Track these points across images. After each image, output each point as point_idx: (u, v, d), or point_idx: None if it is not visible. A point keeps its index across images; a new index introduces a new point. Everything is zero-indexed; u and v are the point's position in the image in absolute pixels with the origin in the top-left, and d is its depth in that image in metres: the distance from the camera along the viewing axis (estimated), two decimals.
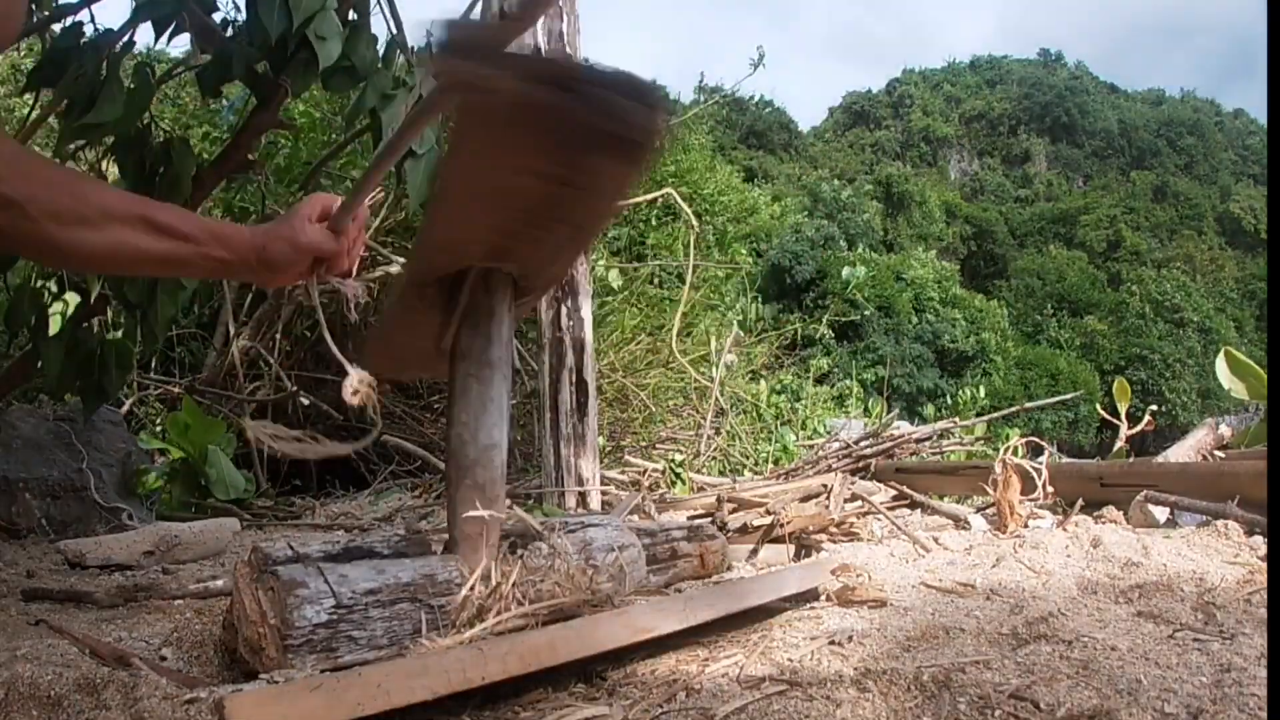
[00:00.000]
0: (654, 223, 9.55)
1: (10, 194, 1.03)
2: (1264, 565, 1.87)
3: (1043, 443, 3.42)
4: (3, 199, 1.02)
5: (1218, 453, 3.26)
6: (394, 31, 2.39)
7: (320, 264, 1.34)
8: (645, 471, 4.27)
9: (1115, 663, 1.21)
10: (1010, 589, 1.74)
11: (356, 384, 1.29)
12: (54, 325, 2.45)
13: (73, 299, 2.53)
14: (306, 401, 5.18)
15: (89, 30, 2.25)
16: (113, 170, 2.69)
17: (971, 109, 76.22)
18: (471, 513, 1.35)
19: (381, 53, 2.32)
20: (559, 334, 3.35)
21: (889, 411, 5.89)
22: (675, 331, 6.04)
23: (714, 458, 5.51)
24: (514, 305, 1.46)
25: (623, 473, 4.38)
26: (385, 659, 1.18)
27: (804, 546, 2.43)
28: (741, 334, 7.47)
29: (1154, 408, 4.25)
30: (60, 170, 1.17)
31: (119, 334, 2.60)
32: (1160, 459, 3.24)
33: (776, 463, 5.09)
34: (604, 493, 3.49)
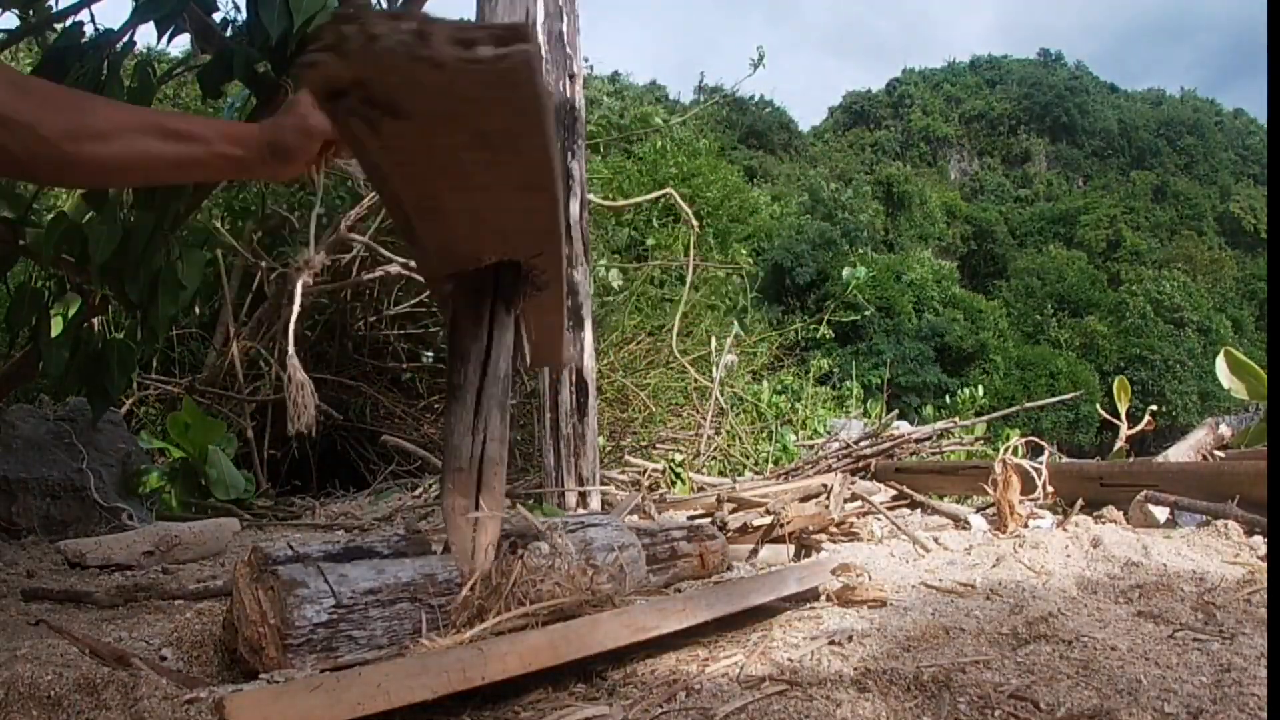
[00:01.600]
0: (655, 223, 9.56)
1: (17, 117, 1.04)
2: (1264, 565, 1.87)
3: (1043, 443, 3.42)
4: (11, 123, 1.04)
5: (1218, 453, 3.26)
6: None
7: (329, 147, 1.34)
8: (645, 471, 4.27)
9: (1115, 663, 1.21)
10: (1010, 589, 1.74)
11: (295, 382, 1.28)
12: (55, 327, 2.45)
13: (73, 300, 2.53)
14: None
15: (89, 30, 2.25)
16: None
17: (971, 109, 76.23)
18: (474, 514, 1.35)
19: None
20: None
21: (890, 411, 5.89)
22: (675, 331, 6.04)
23: (714, 458, 5.51)
24: (513, 302, 1.45)
25: (623, 473, 4.38)
26: (385, 659, 1.18)
27: (804, 546, 2.43)
28: (742, 334, 7.46)
29: (1154, 408, 4.25)
30: (64, 89, 1.18)
31: (120, 335, 2.60)
32: (1160, 459, 3.24)
33: (776, 463, 5.09)
34: (604, 493, 3.49)
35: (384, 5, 2.31)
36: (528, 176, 1.15)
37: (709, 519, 2.51)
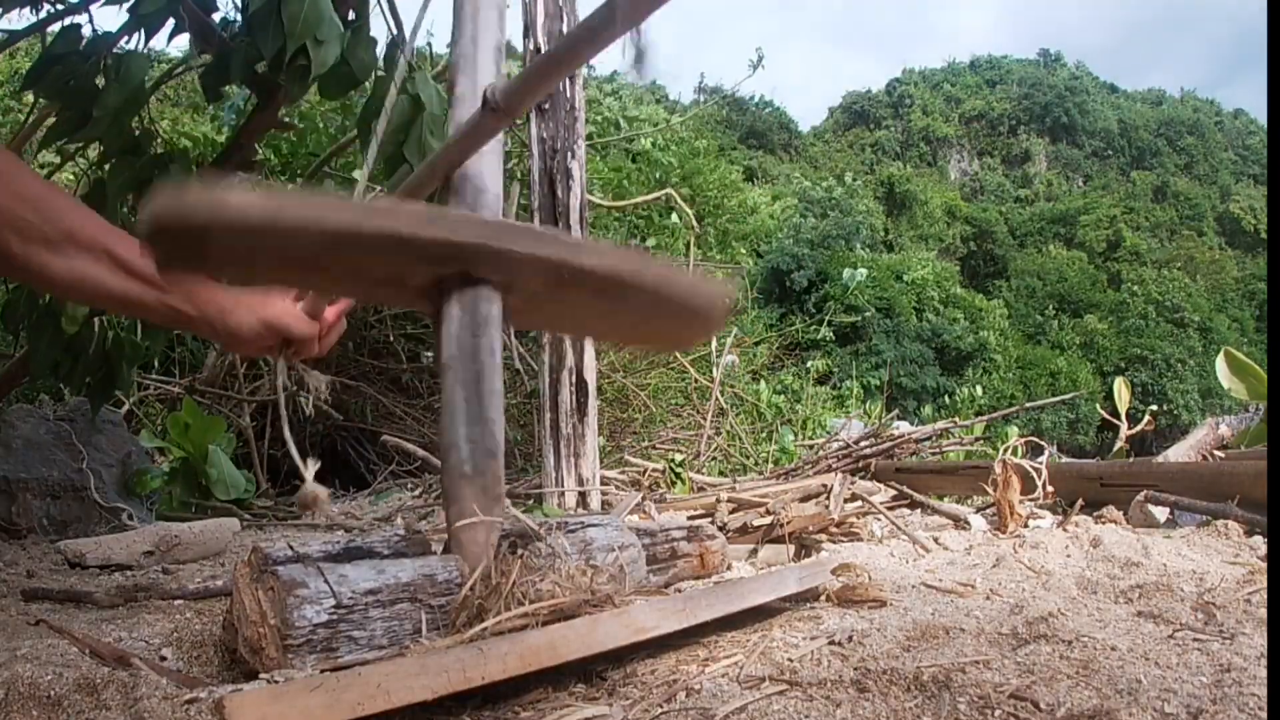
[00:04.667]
0: (656, 220, 9.56)
1: None
2: (1264, 565, 1.87)
3: (1042, 443, 3.42)
4: None
5: (1218, 453, 3.27)
6: (394, 33, 2.38)
7: (288, 345, 1.27)
8: (645, 471, 4.27)
9: (1115, 663, 1.21)
10: (1010, 589, 1.74)
11: (310, 498, 1.26)
12: (69, 326, 2.44)
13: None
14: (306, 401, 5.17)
15: (86, 32, 2.25)
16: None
17: (971, 109, 76.22)
18: (468, 519, 1.35)
19: (382, 55, 2.30)
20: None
21: (890, 411, 5.91)
22: None
23: (714, 458, 5.51)
24: (498, 304, 1.45)
25: (623, 473, 4.38)
26: (385, 659, 1.18)
27: (804, 546, 2.43)
28: (742, 334, 7.46)
29: (1154, 408, 4.26)
30: (36, 183, 1.10)
31: (122, 332, 2.60)
32: (1160, 459, 3.24)
33: (776, 463, 5.09)
34: (604, 493, 3.49)
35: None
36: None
37: (709, 519, 2.51)
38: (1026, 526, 2.55)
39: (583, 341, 3.36)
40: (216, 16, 2.33)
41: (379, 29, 2.46)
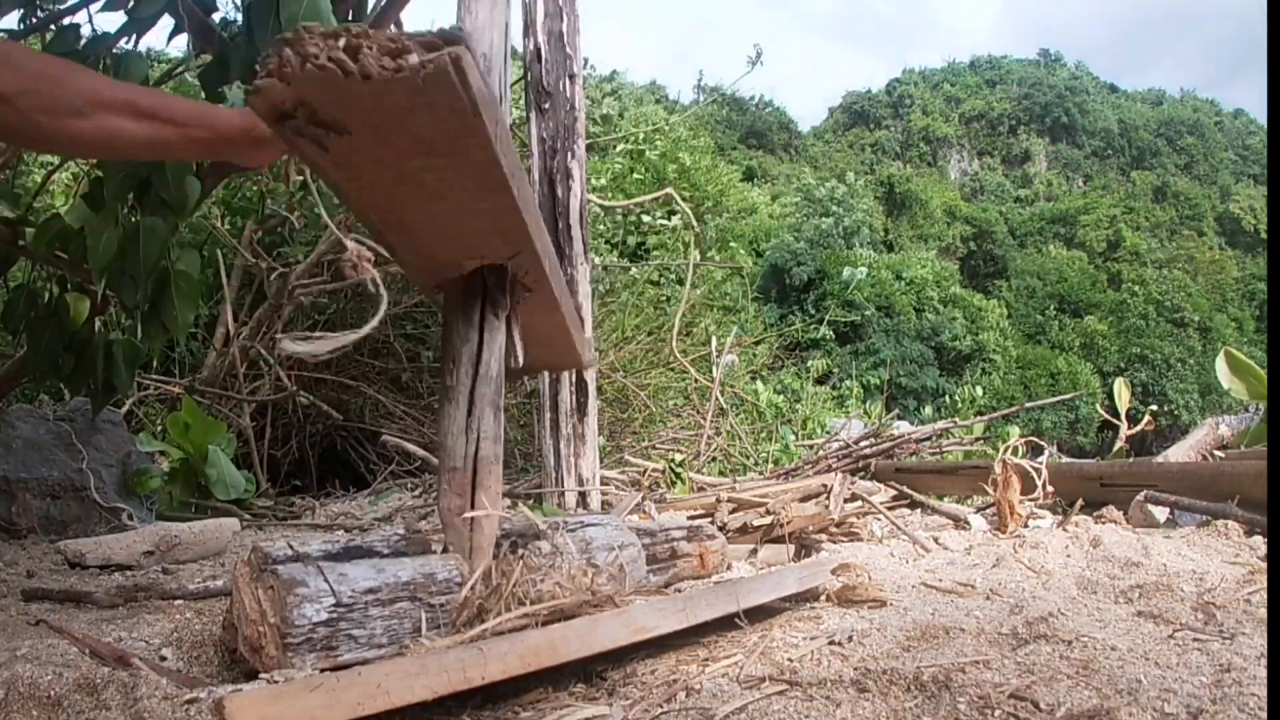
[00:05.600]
0: (655, 216, 9.56)
1: (1, 89, 1.08)
2: (1264, 565, 1.87)
3: (1042, 443, 3.42)
4: None
5: (1218, 453, 3.27)
6: (393, 31, 2.38)
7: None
8: (645, 471, 4.26)
9: (1115, 663, 1.21)
10: (1010, 589, 1.74)
11: (355, 257, 1.28)
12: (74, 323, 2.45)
13: (81, 299, 2.52)
14: (306, 401, 5.18)
15: (86, 32, 2.25)
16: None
17: (971, 109, 76.21)
18: (471, 513, 1.35)
19: None
20: None
21: (890, 411, 5.91)
22: (675, 331, 6.04)
23: (714, 458, 5.51)
24: (501, 304, 1.45)
25: (623, 473, 4.37)
26: (385, 658, 1.18)
27: (804, 546, 2.43)
28: (742, 334, 7.46)
29: (1153, 408, 4.26)
30: (51, 62, 1.20)
31: (122, 334, 2.60)
32: (1160, 459, 3.24)
33: (776, 463, 5.09)
34: (604, 493, 3.49)
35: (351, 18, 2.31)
36: (480, 179, 1.15)
37: (709, 519, 2.51)
38: (1026, 526, 2.55)
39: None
40: (216, 17, 2.33)
41: None
